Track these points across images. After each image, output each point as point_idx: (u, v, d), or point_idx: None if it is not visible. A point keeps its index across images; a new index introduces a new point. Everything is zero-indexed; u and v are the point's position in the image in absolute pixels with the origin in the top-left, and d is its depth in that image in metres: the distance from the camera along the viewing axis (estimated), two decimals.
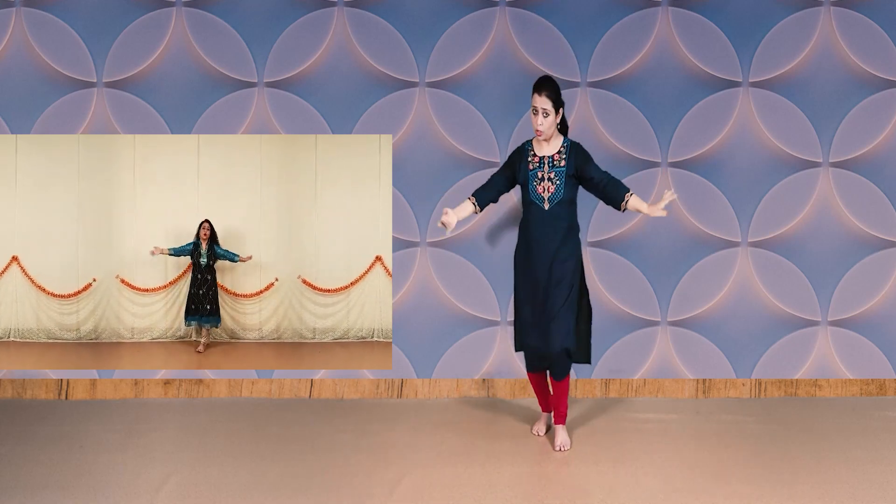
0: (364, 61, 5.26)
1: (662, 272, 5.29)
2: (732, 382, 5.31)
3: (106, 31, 5.23)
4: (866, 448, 4.44)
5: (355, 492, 3.90)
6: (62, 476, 4.06)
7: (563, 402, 4.47)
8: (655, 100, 5.25)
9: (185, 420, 4.88)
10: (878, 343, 5.30)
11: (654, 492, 3.91)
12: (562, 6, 5.25)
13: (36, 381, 5.25)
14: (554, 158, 4.37)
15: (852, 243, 5.29)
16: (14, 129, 5.23)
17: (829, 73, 5.26)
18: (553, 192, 4.33)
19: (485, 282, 5.27)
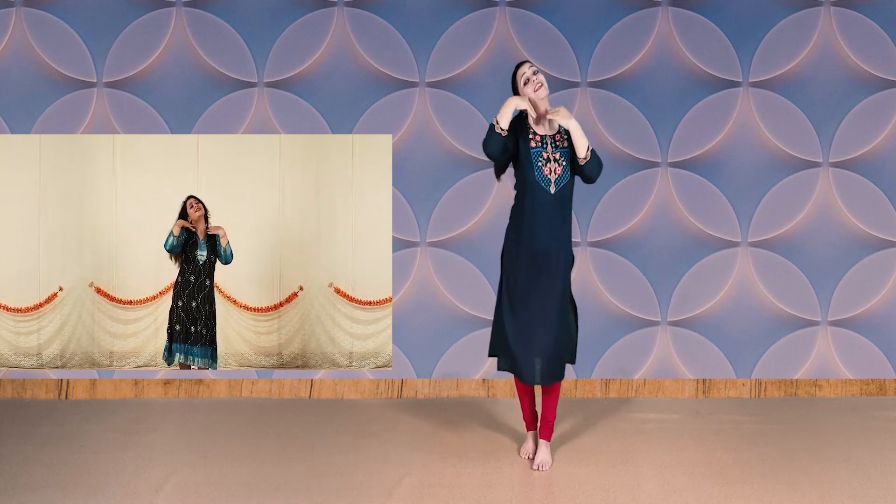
0: (364, 61, 5.26)
1: (662, 272, 5.29)
2: (732, 382, 5.31)
3: (106, 31, 5.23)
4: (866, 448, 4.44)
5: (355, 492, 3.90)
6: (62, 476, 4.06)
7: (551, 412, 4.15)
8: (655, 100, 5.25)
9: (185, 420, 4.88)
10: (878, 343, 5.30)
11: (654, 492, 3.91)
12: (562, 6, 5.25)
13: (36, 381, 5.25)
14: (556, 139, 4.06)
15: (852, 243, 5.29)
16: (14, 129, 5.23)
17: (829, 73, 5.26)
18: (560, 175, 4.00)
19: (485, 282, 5.27)
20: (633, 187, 5.27)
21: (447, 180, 5.27)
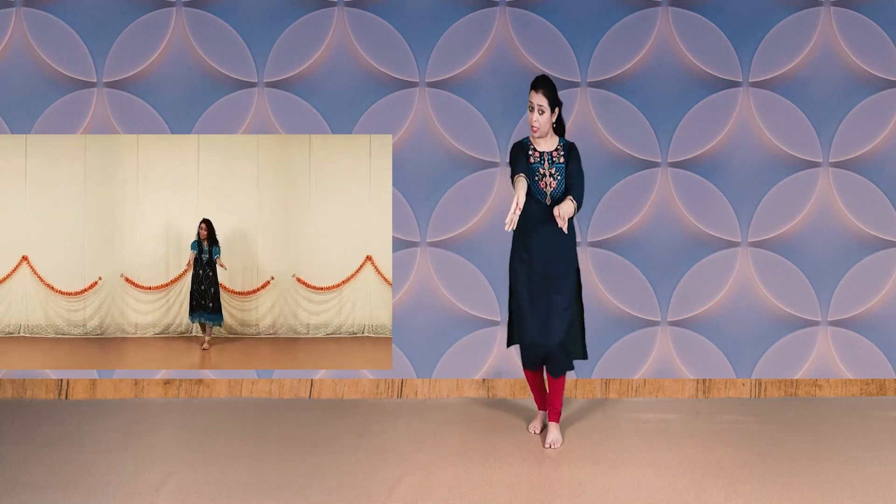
0: (364, 61, 5.26)
1: (662, 272, 5.29)
2: (732, 382, 5.31)
3: (106, 31, 5.23)
4: (866, 448, 4.44)
5: (355, 492, 3.90)
6: (62, 476, 4.06)
7: (558, 399, 4.50)
8: (655, 100, 5.25)
9: (185, 420, 4.88)
10: (878, 343, 5.30)
11: (654, 492, 3.91)
12: (562, 6, 5.25)
13: (36, 381, 5.25)
14: (553, 155, 4.40)
15: (852, 243, 5.29)
16: (14, 129, 5.23)
17: (829, 73, 5.26)
18: (555, 188, 4.35)
19: (485, 282, 5.27)
20: (633, 187, 5.27)
21: (447, 180, 5.27)
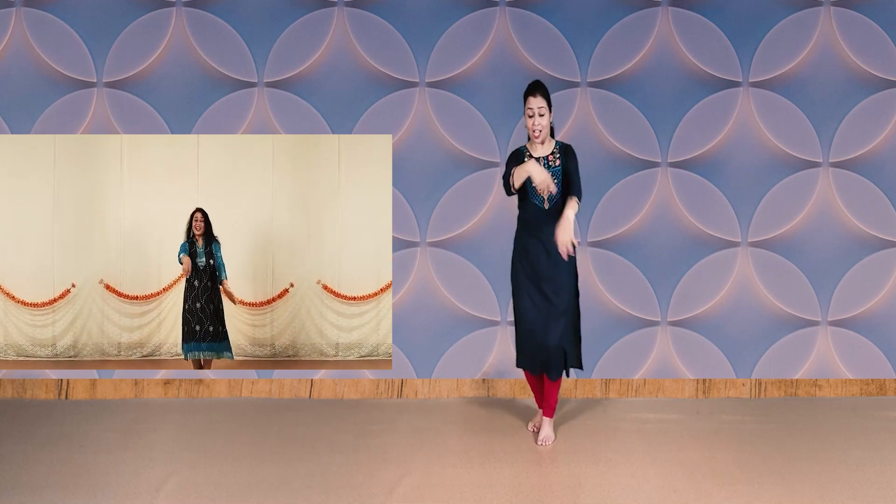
0: (364, 61, 5.26)
1: (662, 272, 5.29)
2: (732, 382, 5.31)
3: (106, 31, 5.23)
4: (866, 448, 4.44)
5: (355, 492, 3.90)
6: (62, 476, 4.06)
7: (553, 396, 4.53)
8: (655, 100, 5.25)
9: (185, 420, 4.88)
10: (878, 343, 5.30)
11: (654, 492, 3.91)
12: (562, 6, 5.25)
13: (36, 381, 5.25)
14: (549, 159, 4.43)
15: (852, 243, 5.29)
16: (14, 129, 5.23)
17: (829, 73, 5.26)
18: (553, 192, 4.37)
19: (485, 282, 5.27)
20: (633, 187, 5.27)
21: (447, 180, 5.27)
